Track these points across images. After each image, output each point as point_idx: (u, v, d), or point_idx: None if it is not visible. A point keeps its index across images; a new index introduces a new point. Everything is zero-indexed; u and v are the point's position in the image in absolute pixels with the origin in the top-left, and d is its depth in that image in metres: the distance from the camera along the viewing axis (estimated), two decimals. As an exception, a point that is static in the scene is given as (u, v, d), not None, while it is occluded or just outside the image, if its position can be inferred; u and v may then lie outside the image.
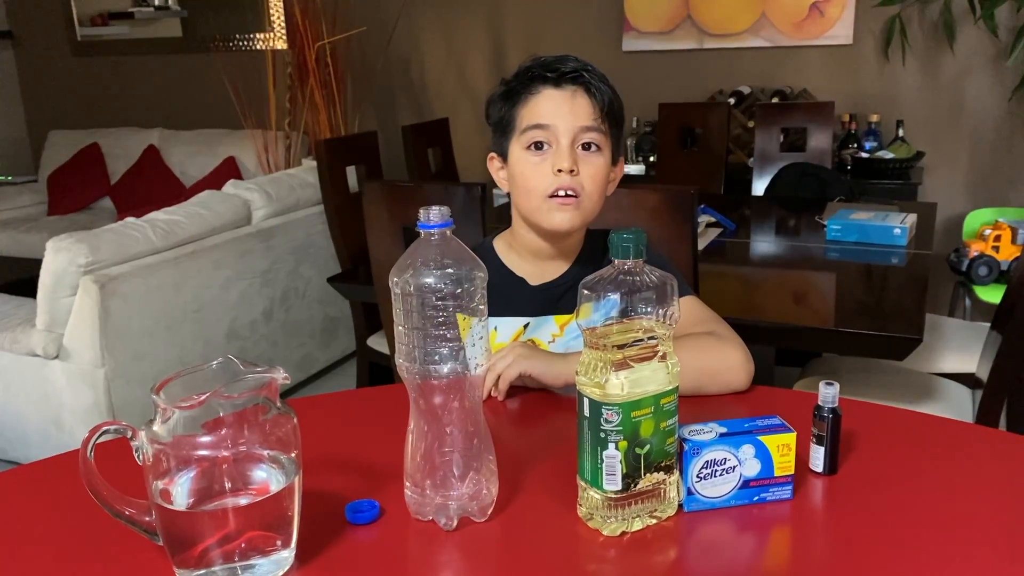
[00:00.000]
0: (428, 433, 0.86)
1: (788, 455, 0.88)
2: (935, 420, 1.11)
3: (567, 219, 1.22)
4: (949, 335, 2.32)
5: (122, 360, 2.60)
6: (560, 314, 1.30)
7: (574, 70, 1.21)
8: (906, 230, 2.30)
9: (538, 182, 1.22)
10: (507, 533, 0.86)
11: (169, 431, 0.74)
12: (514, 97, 1.24)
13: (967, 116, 3.49)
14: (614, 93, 1.24)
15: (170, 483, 0.75)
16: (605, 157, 1.23)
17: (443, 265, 0.83)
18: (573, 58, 1.23)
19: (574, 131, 1.20)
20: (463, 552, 0.84)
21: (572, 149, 1.20)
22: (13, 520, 0.92)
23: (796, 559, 0.84)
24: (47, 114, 5.42)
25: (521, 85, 1.24)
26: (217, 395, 0.73)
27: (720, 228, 2.52)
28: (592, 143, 1.21)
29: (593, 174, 1.22)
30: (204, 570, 0.77)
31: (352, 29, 4.24)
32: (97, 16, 5.12)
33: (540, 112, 1.21)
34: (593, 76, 1.22)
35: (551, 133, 1.20)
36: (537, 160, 1.22)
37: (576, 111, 1.20)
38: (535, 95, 1.22)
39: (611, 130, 1.24)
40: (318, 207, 3.30)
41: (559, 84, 1.21)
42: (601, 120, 1.21)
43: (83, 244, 2.51)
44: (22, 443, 2.74)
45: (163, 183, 4.66)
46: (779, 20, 3.69)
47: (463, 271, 0.83)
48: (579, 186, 1.21)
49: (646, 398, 0.82)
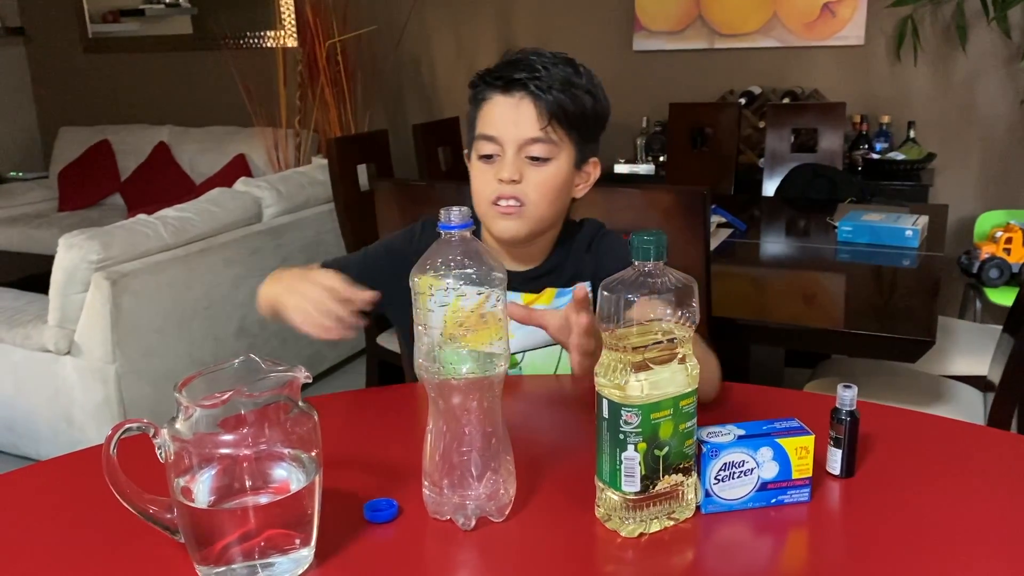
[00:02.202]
0: (447, 433, 0.86)
1: (806, 458, 0.88)
2: (950, 423, 1.11)
3: (510, 227, 1.22)
4: (960, 337, 2.31)
5: (133, 357, 2.61)
6: (528, 293, 1.30)
7: (521, 78, 1.18)
8: (918, 232, 2.29)
9: (483, 188, 1.22)
10: (525, 533, 0.86)
11: (191, 429, 0.75)
12: (473, 101, 1.25)
13: (979, 118, 3.48)
14: (573, 96, 1.20)
15: (192, 481, 0.76)
16: (558, 165, 1.22)
17: (463, 265, 0.83)
18: (527, 61, 1.20)
19: (518, 142, 1.19)
20: (481, 552, 0.84)
21: (518, 158, 1.20)
22: (30, 517, 0.92)
23: (813, 562, 0.84)
24: (58, 110, 5.44)
25: (477, 90, 1.24)
26: (239, 393, 0.74)
27: (731, 229, 2.52)
28: (539, 156, 1.20)
29: (539, 183, 1.20)
30: (224, 567, 0.77)
31: (363, 27, 4.25)
32: (108, 13, 5.14)
33: (489, 121, 1.21)
34: (543, 82, 1.18)
35: (498, 143, 1.20)
36: (486, 168, 1.22)
37: (520, 121, 1.19)
38: (487, 102, 1.22)
39: (570, 134, 1.22)
40: (328, 205, 3.31)
41: (507, 91, 1.20)
42: (550, 128, 1.19)
43: (95, 241, 2.52)
44: (33, 439, 2.75)
45: (173, 180, 4.67)
46: (790, 20, 3.68)
47: (483, 272, 0.83)
48: (522, 195, 1.20)
49: (665, 400, 0.82)
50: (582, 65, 1.25)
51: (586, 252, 1.33)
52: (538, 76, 1.19)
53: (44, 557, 0.84)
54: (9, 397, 2.73)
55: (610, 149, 4.01)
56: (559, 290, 1.30)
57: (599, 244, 1.34)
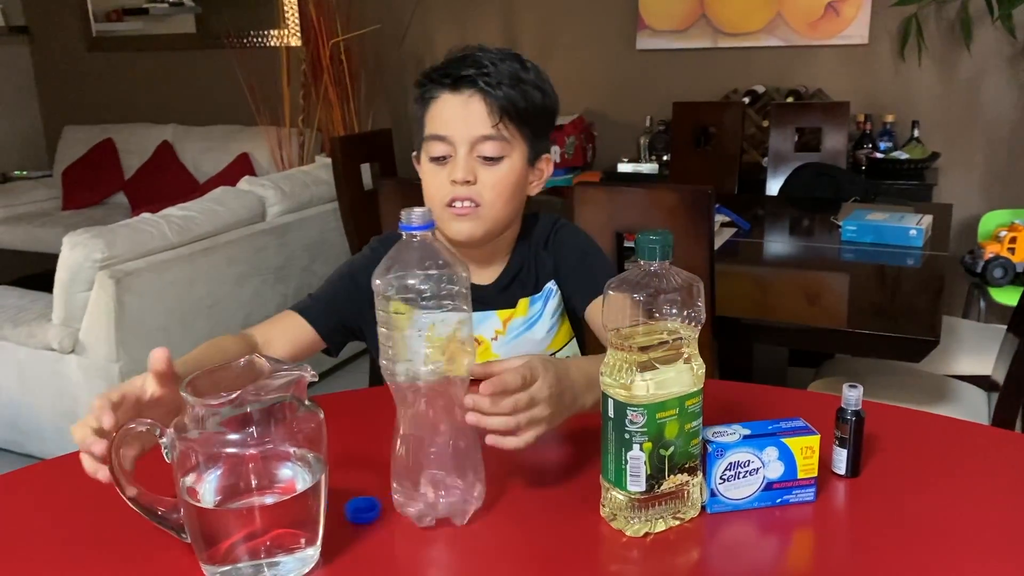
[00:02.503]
0: (411, 435, 0.86)
1: (811, 457, 0.88)
2: (954, 423, 1.11)
3: (465, 229, 1.20)
4: (964, 337, 2.31)
5: (137, 355, 2.61)
6: (502, 309, 1.28)
7: (470, 75, 1.16)
8: (922, 231, 2.29)
9: (436, 191, 1.20)
10: (529, 532, 0.86)
11: (197, 428, 0.75)
12: (421, 101, 1.22)
13: (983, 117, 3.47)
14: (523, 91, 1.18)
15: (198, 480, 0.76)
16: (511, 163, 1.20)
17: (425, 267, 0.82)
18: (474, 58, 1.18)
19: (470, 141, 1.17)
20: (485, 551, 0.84)
21: (470, 158, 1.17)
22: (34, 516, 0.92)
23: (819, 561, 0.84)
24: (62, 109, 5.45)
25: (424, 89, 1.21)
26: (245, 393, 0.74)
27: (734, 228, 2.51)
28: (491, 155, 1.18)
29: (494, 183, 1.18)
30: (230, 566, 0.77)
31: (366, 26, 4.25)
32: (112, 12, 5.14)
33: (438, 121, 1.18)
34: (492, 79, 1.16)
35: (449, 143, 1.18)
36: (438, 169, 1.19)
37: (470, 119, 1.17)
38: (435, 100, 1.19)
39: (522, 131, 1.20)
40: (332, 204, 3.31)
41: (455, 88, 1.17)
42: (502, 125, 1.17)
43: (99, 239, 2.52)
44: (37, 437, 2.75)
45: (177, 179, 4.67)
46: (794, 19, 3.67)
47: (445, 274, 0.82)
48: (477, 196, 1.18)
49: (671, 399, 0.82)
50: (528, 60, 1.22)
51: (544, 249, 1.31)
52: (487, 72, 1.16)
53: (48, 556, 0.84)
54: (13, 395, 2.74)
55: (614, 148, 4.02)
56: (531, 298, 1.29)
57: (555, 239, 1.32)
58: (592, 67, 4.07)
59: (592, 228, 1.79)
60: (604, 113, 4.08)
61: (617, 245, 1.82)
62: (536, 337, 1.28)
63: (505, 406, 0.86)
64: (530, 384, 0.88)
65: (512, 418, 0.87)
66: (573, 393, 0.94)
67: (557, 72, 1.33)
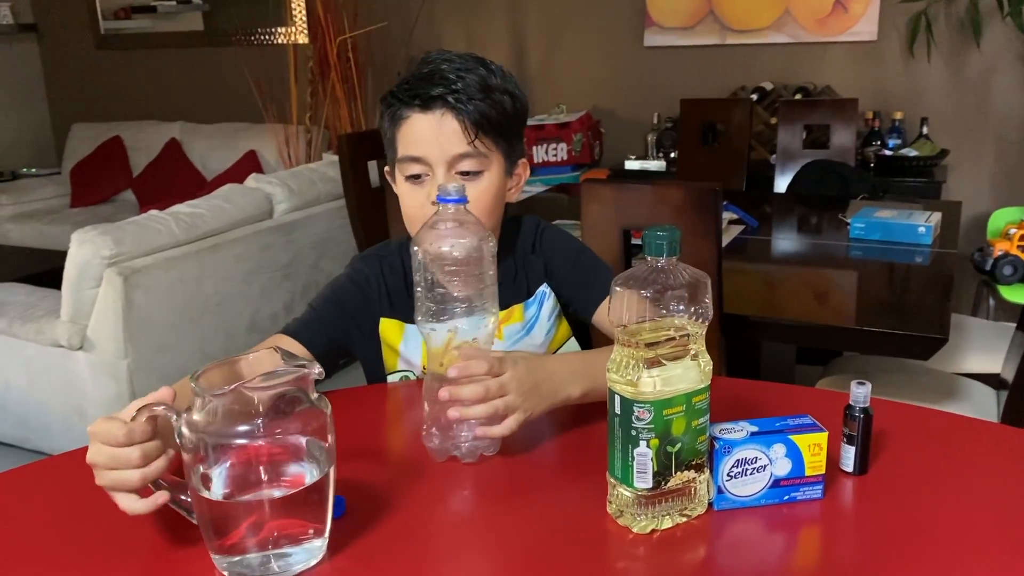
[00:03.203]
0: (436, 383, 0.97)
1: (819, 455, 0.88)
2: (963, 420, 1.10)
3: None
4: (973, 335, 2.30)
5: (145, 352, 2.62)
6: None
7: (439, 94, 1.13)
8: (931, 229, 2.28)
9: (416, 209, 1.17)
10: (536, 529, 0.86)
11: (207, 419, 0.75)
12: (390, 119, 1.19)
13: (992, 114, 3.46)
14: (494, 101, 1.16)
15: (208, 470, 0.76)
16: (490, 176, 1.18)
17: (456, 235, 0.94)
18: (441, 73, 1.15)
19: (447, 160, 1.15)
20: (488, 550, 0.84)
21: (449, 177, 1.16)
22: (42, 511, 0.93)
23: (826, 559, 0.83)
24: (70, 107, 5.47)
25: (392, 108, 1.18)
26: (253, 386, 0.74)
27: (742, 225, 2.51)
28: (470, 170, 1.16)
29: (476, 199, 1.16)
30: (239, 557, 0.78)
31: (373, 24, 4.25)
32: (120, 10, 5.16)
33: (411, 142, 1.16)
34: (462, 94, 1.13)
35: (425, 164, 1.16)
36: (416, 188, 1.18)
37: (445, 138, 1.14)
38: (405, 120, 1.16)
39: (497, 142, 1.18)
40: (339, 201, 3.31)
41: (425, 108, 1.15)
42: (477, 140, 1.15)
43: (107, 236, 2.53)
44: (45, 433, 2.76)
45: (184, 176, 4.69)
46: (802, 16, 3.66)
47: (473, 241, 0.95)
48: None
49: (678, 396, 0.82)
50: (492, 63, 1.20)
51: (531, 253, 1.30)
52: (456, 88, 1.14)
53: (55, 551, 0.85)
54: (22, 392, 2.75)
55: (621, 145, 4.01)
56: (525, 303, 1.28)
57: (542, 241, 1.31)
58: (599, 64, 4.06)
59: (599, 225, 1.79)
60: (611, 110, 4.07)
61: (624, 242, 1.82)
62: (535, 342, 1.27)
63: (475, 391, 0.94)
64: (499, 374, 0.96)
65: (489, 404, 0.95)
66: (552, 384, 1.01)
67: (564, 69, 1.33)
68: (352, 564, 0.81)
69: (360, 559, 0.81)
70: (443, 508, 0.91)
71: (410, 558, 0.82)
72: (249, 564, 0.78)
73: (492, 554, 0.83)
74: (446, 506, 0.91)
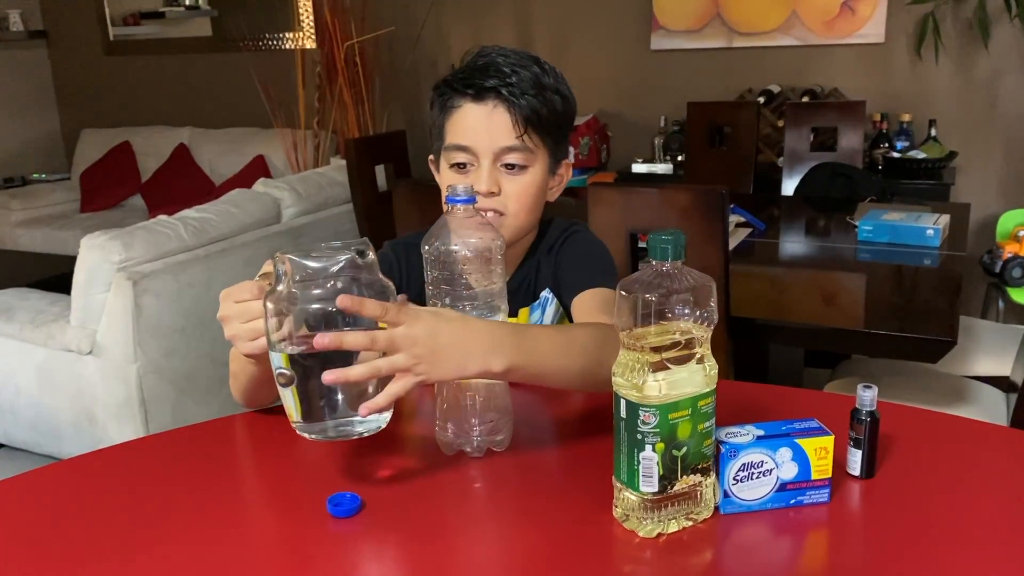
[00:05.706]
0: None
1: (826, 458, 0.87)
2: (972, 424, 1.10)
3: None
4: (982, 337, 2.29)
5: (154, 356, 2.63)
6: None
7: (493, 85, 1.15)
8: (939, 231, 2.27)
9: None
10: (541, 532, 0.86)
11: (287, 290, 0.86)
12: (441, 107, 1.21)
13: (1001, 115, 3.45)
14: (545, 99, 1.17)
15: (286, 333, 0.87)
16: (534, 172, 1.19)
17: (465, 235, 0.94)
18: (496, 66, 1.16)
19: (494, 152, 1.16)
20: (492, 550, 0.84)
21: (494, 168, 1.17)
22: (52, 515, 0.93)
23: (833, 563, 0.83)
24: (80, 113, 5.50)
25: (445, 97, 1.20)
26: (328, 269, 0.85)
27: (749, 228, 2.51)
28: (515, 163, 1.17)
29: (518, 194, 1.18)
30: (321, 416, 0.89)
31: (380, 29, 4.26)
32: (129, 16, 5.19)
33: (461, 130, 1.18)
34: (516, 88, 1.15)
35: (472, 153, 1.17)
36: (460, 177, 1.19)
37: (494, 130, 1.16)
38: (457, 109, 1.18)
39: (544, 139, 1.19)
40: (347, 206, 3.32)
41: (478, 99, 1.16)
42: (526, 135, 1.16)
43: (116, 241, 2.54)
44: (55, 437, 2.78)
45: (193, 181, 4.71)
46: (810, 18, 3.66)
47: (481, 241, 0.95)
48: (501, 206, 1.18)
49: (683, 400, 0.82)
50: (546, 62, 1.22)
51: (547, 255, 1.30)
52: (510, 82, 1.15)
53: (66, 556, 0.85)
54: (32, 396, 2.76)
55: (628, 148, 4.01)
56: (531, 307, 1.29)
57: (561, 246, 1.31)
58: (606, 67, 4.06)
59: (606, 228, 1.79)
60: (618, 113, 4.07)
61: (631, 246, 1.82)
62: None
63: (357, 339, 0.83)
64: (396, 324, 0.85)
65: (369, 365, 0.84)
66: (461, 353, 0.89)
67: (571, 72, 1.33)
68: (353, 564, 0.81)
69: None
70: (449, 510, 0.90)
71: (415, 558, 0.83)
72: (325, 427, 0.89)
73: (498, 556, 0.84)
74: (452, 508, 0.91)
